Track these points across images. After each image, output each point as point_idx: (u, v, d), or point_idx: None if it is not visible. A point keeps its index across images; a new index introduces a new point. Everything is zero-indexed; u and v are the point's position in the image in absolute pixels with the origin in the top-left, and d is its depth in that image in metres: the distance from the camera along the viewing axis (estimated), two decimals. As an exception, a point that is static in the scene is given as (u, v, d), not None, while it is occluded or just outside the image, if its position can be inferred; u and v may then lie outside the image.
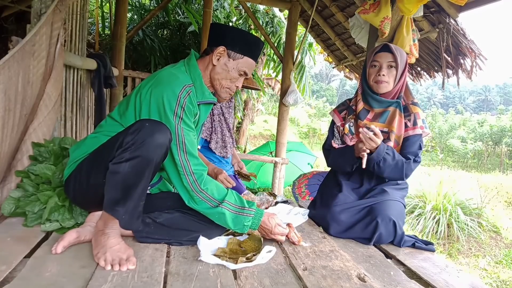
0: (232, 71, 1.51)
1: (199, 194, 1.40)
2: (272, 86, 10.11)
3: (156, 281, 1.12)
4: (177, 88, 1.38)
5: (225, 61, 1.50)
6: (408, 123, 1.80)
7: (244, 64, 1.52)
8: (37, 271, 1.11)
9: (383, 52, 1.78)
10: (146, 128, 1.24)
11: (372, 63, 1.80)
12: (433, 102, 61.21)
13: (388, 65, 1.76)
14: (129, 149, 1.22)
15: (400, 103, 1.80)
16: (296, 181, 2.46)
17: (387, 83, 1.77)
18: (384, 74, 1.75)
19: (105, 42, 4.81)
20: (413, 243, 1.70)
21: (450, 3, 2.41)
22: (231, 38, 1.49)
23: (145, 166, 1.23)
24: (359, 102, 1.88)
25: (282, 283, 1.20)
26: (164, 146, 1.27)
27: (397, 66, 1.75)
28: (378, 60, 1.78)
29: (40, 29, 1.75)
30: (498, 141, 19.18)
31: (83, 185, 1.38)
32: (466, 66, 2.83)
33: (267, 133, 15.02)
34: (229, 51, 1.50)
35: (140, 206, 1.27)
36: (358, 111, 1.87)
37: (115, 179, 1.21)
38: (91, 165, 1.37)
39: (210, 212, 1.42)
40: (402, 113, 1.80)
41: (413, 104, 1.84)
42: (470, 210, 6.36)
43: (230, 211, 1.43)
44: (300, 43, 4.88)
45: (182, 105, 1.38)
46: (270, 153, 6.40)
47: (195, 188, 1.39)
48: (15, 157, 1.68)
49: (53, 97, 1.89)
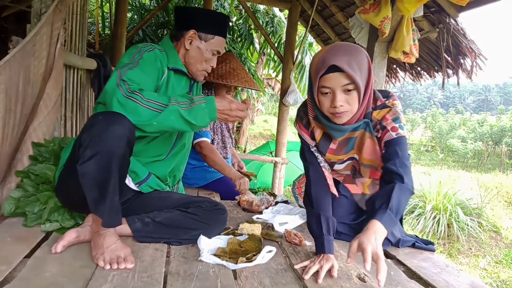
0: (206, 52, 1.54)
1: (142, 102, 1.24)
2: (272, 86, 10.11)
3: (156, 281, 1.12)
4: (141, 45, 1.44)
5: (197, 44, 1.53)
6: (378, 134, 1.41)
7: (216, 43, 1.55)
8: (37, 271, 1.11)
9: (332, 74, 1.23)
10: (100, 122, 1.20)
11: (320, 89, 1.29)
12: (433, 102, 61.21)
13: (344, 89, 1.26)
14: (88, 146, 1.18)
15: (369, 123, 1.39)
16: (296, 181, 2.45)
17: (347, 111, 1.30)
18: (341, 104, 1.26)
19: (105, 42, 4.81)
20: (413, 243, 1.70)
21: (450, 3, 2.41)
22: (199, 20, 1.52)
23: (109, 160, 1.19)
24: (316, 129, 1.49)
25: (282, 283, 1.20)
26: (123, 137, 1.21)
27: (357, 86, 1.24)
28: (329, 86, 1.26)
29: (41, 29, 1.75)
30: (498, 141, 19.19)
31: (70, 188, 1.38)
32: (466, 66, 2.83)
33: (267, 133, 15.02)
34: (200, 34, 1.53)
35: (115, 201, 1.23)
36: (318, 141, 1.49)
37: (86, 180, 1.19)
38: (71, 167, 1.35)
39: (162, 117, 1.25)
40: (372, 134, 1.41)
41: (377, 109, 1.40)
42: (470, 210, 6.36)
43: (182, 107, 1.27)
44: (300, 43, 4.88)
45: (141, 53, 1.39)
46: (270, 153, 6.40)
47: (128, 93, 1.24)
48: (15, 157, 1.68)
49: (53, 97, 1.89)
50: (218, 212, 1.54)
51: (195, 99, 1.31)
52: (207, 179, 2.52)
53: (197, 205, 1.52)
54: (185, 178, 2.48)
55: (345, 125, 1.35)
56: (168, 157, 1.62)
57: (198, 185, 2.53)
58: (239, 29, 6.73)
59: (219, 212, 1.55)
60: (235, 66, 2.44)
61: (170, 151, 1.61)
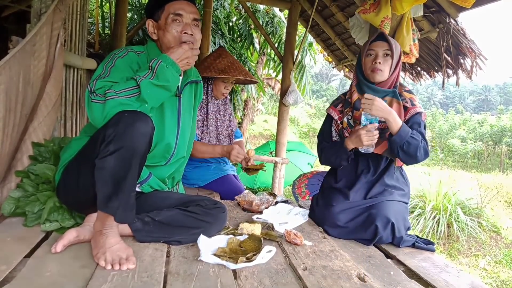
0: (169, 27, 1.45)
1: (119, 95, 1.26)
2: (272, 86, 10.10)
3: (156, 281, 1.12)
4: (115, 51, 1.43)
5: (159, 28, 1.49)
6: (406, 104, 1.79)
7: (169, 10, 1.45)
8: (37, 271, 1.11)
9: (378, 41, 1.78)
10: (126, 118, 1.22)
11: (367, 52, 1.79)
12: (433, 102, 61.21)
13: (384, 53, 1.76)
14: (112, 141, 1.19)
15: (396, 92, 1.79)
16: (296, 181, 2.46)
17: (382, 71, 1.75)
18: (380, 62, 1.74)
19: (105, 42, 4.80)
20: (413, 243, 1.70)
21: (450, 3, 2.41)
22: (146, 7, 1.54)
23: (131, 156, 1.21)
24: (354, 93, 1.86)
25: (282, 283, 1.20)
26: (147, 135, 1.24)
27: (393, 55, 1.75)
28: (374, 49, 1.77)
29: (41, 29, 1.75)
30: (498, 141, 19.17)
31: (73, 188, 1.37)
32: (466, 66, 2.83)
33: (267, 133, 15.02)
34: (153, 18, 1.50)
35: (131, 197, 1.24)
36: (353, 102, 1.85)
37: (103, 174, 1.20)
38: (77, 166, 1.36)
39: (143, 96, 1.29)
40: (399, 101, 1.78)
41: (406, 92, 1.84)
42: (470, 210, 6.36)
43: (149, 78, 1.30)
44: (300, 43, 4.88)
45: (114, 60, 1.38)
46: (270, 153, 6.40)
47: (100, 98, 1.26)
48: (15, 157, 1.68)
49: (53, 97, 1.89)
50: (217, 210, 1.54)
51: (153, 64, 1.33)
52: (207, 179, 2.51)
53: (197, 204, 1.52)
54: (185, 178, 2.48)
55: (378, 86, 1.78)
56: (168, 164, 1.63)
57: (198, 185, 2.53)
58: (239, 29, 6.73)
59: (218, 210, 1.55)
60: (232, 60, 2.49)
61: (170, 158, 1.61)
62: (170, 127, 1.56)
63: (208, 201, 1.56)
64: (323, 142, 1.99)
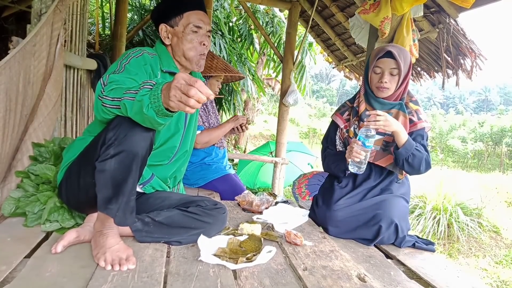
0: (185, 36, 1.46)
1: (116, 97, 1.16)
2: (272, 86, 10.10)
3: (156, 281, 1.12)
4: (130, 51, 1.41)
5: (174, 34, 1.49)
6: (413, 118, 1.79)
7: (189, 19, 1.46)
8: (37, 271, 1.11)
9: (386, 58, 1.73)
10: (127, 122, 1.20)
11: (374, 69, 1.77)
12: (433, 102, 61.21)
13: (390, 72, 1.73)
14: (113, 145, 1.19)
15: (403, 105, 1.79)
16: (296, 181, 2.45)
17: (388, 89, 1.75)
18: (386, 81, 1.72)
19: (105, 42, 4.81)
20: (413, 243, 1.70)
21: (450, 3, 2.41)
22: (160, 11, 1.50)
23: (131, 160, 1.20)
24: (362, 103, 1.86)
25: (282, 283, 1.20)
26: (147, 138, 1.23)
27: (400, 72, 1.72)
28: (381, 66, 1.74)
29: (41, 29, 1.75)
30: (498, 141, 19.19)
31: (75, 188, 1.37)
32: (466, 66, 2.83)
33: (267, 133, 15.03)
34: (169, 23, 1.49)
35: (131, 201, 1.24)
36: (360, 113, 1.85)
37: (104, 177, 1.20)
38: (79, 167, 1.36)
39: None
40: (405, 114, 1.78)
41: (412, 103, 1.84)
42: (470, 210, 6.35)
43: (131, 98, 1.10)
44: (300, 43, 4.88)
45: (129, 58, 1.37)
46: (270, 153, 6.40)
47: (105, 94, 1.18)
48: (15, 157, 1.68)
49: (53, 97, 1.89)
50: (218, 211, 1.54)
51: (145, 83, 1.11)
52: (207, 179, 2.51)
53: (197, 205, 1.52)
54: (185, 178, 2.48)
55: (385, 99, 1.79)
56: (171, 162, 1.63)
57: (198, 185, 2.53)
58: (239, 29, 6.74)
59: (219, 211, 1.55)
60: (221, 60, 2.54)
61: (172, 157, 1.62)
62: (175, 129, 1.57)
63: (208, 201, 1.56)
64: (327, 149, 2.00)
